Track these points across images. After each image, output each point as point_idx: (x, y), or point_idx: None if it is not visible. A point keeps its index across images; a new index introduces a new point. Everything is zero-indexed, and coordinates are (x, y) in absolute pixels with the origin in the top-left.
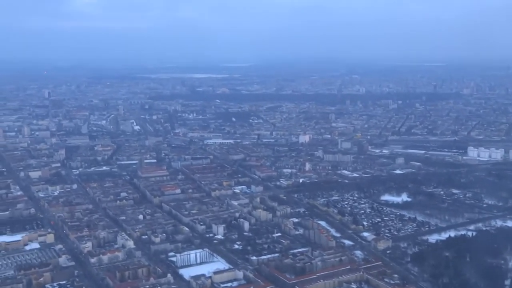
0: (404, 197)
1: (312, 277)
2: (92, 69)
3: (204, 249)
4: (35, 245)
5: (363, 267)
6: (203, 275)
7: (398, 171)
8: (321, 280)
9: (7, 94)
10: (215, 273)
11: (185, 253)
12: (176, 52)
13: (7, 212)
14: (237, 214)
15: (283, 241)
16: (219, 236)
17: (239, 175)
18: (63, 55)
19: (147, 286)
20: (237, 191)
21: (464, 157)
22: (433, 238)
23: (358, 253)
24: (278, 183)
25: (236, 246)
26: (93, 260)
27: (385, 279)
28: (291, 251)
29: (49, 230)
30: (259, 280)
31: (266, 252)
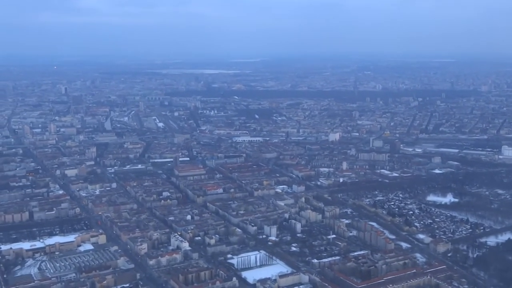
0: (450, 198)
1: (379, 281)
2: (101, 65)
3: (260, 251)
4: (88, 246)
5: (428, 271)
6: (269, 278)
7: (437, 171)
8: (390, 285)
9: (23, 89)
10: (280, 276)
11: (243, 255)
12: (184, 47)
13: (53, 212)
14: (286, 215)
15: (339, 243)
16: (272, 238)
17: (277, 174)
18: (72, 51)
19: None
20: (279, 190)
21: (500, 156)
22: (491, 240)
23: (418, 256)
24: (318, 182)
25: (294, 249)
26: (151, 262)
27: (454, 283)
28: (351, 254)
29: (100, 231)
30: (326, 284)
31: (325, 254)
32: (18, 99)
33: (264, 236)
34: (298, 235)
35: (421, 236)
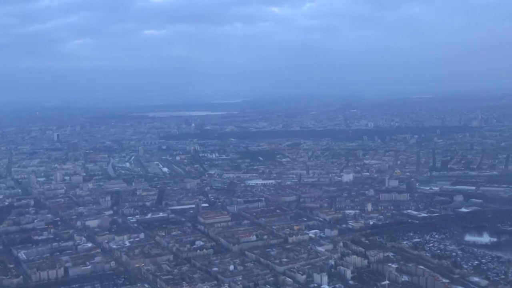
0: (487, 237)
1: None
2: (84, 109)
3: None
4: None
5: None
6: None
7: (463, 209)
8: None
9: (13, 137)
10: None
11: None
12: (166, 89)
13: (88, 267)
14: (331, 261)
15: None
16: (325, 286)
17: (304, 218)
18: (53, 95)
19: None
20: (312, 235)
21: None
22: None
23: None
24: (347, 225)
25: None
26: None
27: None
28: None
29: (145, 285)
30: None
31: None
32: (11, 147)
33: (315, 285)
34: (350, 282)
35: (475, 278)
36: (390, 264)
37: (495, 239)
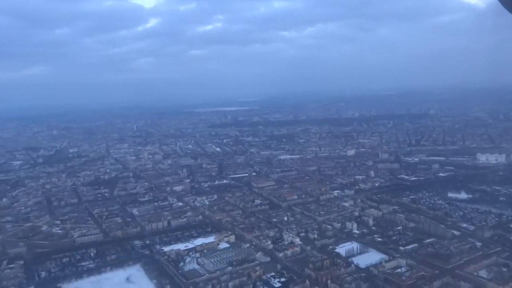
0: (464, 195)
1: (460, 262)
2: (147, 108)
3: (352, 242)
4: (225, 245)
5: (492, 251)
6: (379, 263)
7: (441, 174)
8: (472, 265)
9: (105, 128)
10: (385, 261)
11: (341, 245)
12: (203, 92)
13: (184, 220)
14: (355, 213)
15: (408, 233)
16: (355, 231)
17: (327, 182)
18: (125, 99)
19: (345, 275)
20: (336, 194)
21: (478, 161)
22: None
23: (471, 240)
24: (359, 187)
25: (379, 239)
26: (280, 255)
27: None
28: (424, 241)
29: (229, 232)
30: (423, 266)
31: (404, 242)
32: (104, 135)
33: (347, 230)
34: (373, 228)
35: (464, 225)
36: (399, 214)
37: (471, 196)
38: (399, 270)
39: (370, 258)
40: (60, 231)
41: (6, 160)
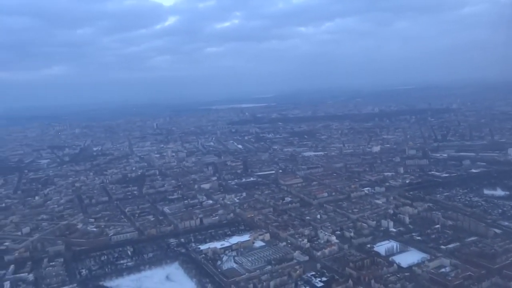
0: (500, 191)
1: (506, 262)
2: (163, 105)
3: (390, 240)
4: (260, 243)
5: None
6: (422, 263)
7: (473, 170)
8: None
9: (125, 126)
10: (428, 261)
11: (378, 244)
12: (218, 89)
13: (216, 217)
14: (390, 211)
15: (448, 231)
16: (392, 229)
17: (356, 179)
18: (141, 97)
19: (388, 274)
20: (366, 192)
21: (510, 157)
22: None
23: None
24: (390, 184)
25: (418, 237)
26: (318, 253)
27: None
28: (465, 240)
29: (263, 230)
30: (468, 266)
31: (445, 241)
32: (126, 133)
33: (383, 228)
34: (410, 226)
35: (505, 222)
36: (435, 212)
37: (507, 192)
38: (443, 269)
39: (411, 257)
40: (95, 229)
41: (34, 158)
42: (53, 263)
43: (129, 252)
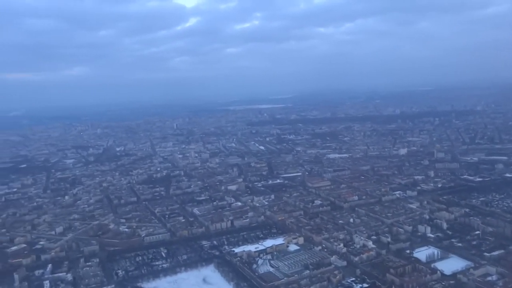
0: None
1: None
2: (181, 106)
3: (429, 246)
4: (294, 247)
5: None
6: (466, 270)
7: (508, 174)
8: None
9: (145, 126)
10: (473, 268)
11: (417, 250)
12: (234, 90)
13: (247, 220)
14: (425, 216)
15: (489, 238)
16: (430, 235)
17: (385, 183)
18: (158, 97)
19: (432, 282)
20: (398, 195)
21: None
22: None
23: None
24: (421, 188)
25: (458, 244)
26: (356, 258)
27: None
28: (510, 248)
29: (296, 234)
30: None
31: (488, 248)
32: (146, 134)
33: (420, 234)
34: (448, 232)
35: None
36: (473, 218)
37: None
38: (490, 278)
39: (453, 264)
40: (127, 230)
41: (59, 158)
42: (89, 263)
43: (163, 254)
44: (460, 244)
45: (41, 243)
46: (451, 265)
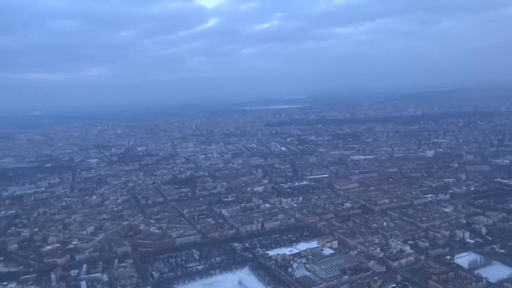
0: None
1: None
2: (198, 106)
3: (469, 252)
4: (329, 251)
5: None
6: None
7: None
8: None
9: (164, 126)
10: None
11: (458, 256)
12: (251, 90)
13: (277, 222)
14: (462, 220)
15: None
16: (469, 240)
17: (415, 185)
18: (176, 97)
19: None
20: (430, 199)
21: None
22: None
23: None
24: (453, 191)
25: (501, 250)
26: (395, 264)
27: None
28: None
29: (330, 237)
30: None
31: None
32: (166, 134)
33: (458, 239)
34: (487, 237)
35: None
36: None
37: None
38: None
39: (498, 271)
40: (157, 231)
41: (83, 158)
42: (123, 264)
43: (196, 256)
44: (502, 251)
45: (73, 242)
46: (496, 272)
